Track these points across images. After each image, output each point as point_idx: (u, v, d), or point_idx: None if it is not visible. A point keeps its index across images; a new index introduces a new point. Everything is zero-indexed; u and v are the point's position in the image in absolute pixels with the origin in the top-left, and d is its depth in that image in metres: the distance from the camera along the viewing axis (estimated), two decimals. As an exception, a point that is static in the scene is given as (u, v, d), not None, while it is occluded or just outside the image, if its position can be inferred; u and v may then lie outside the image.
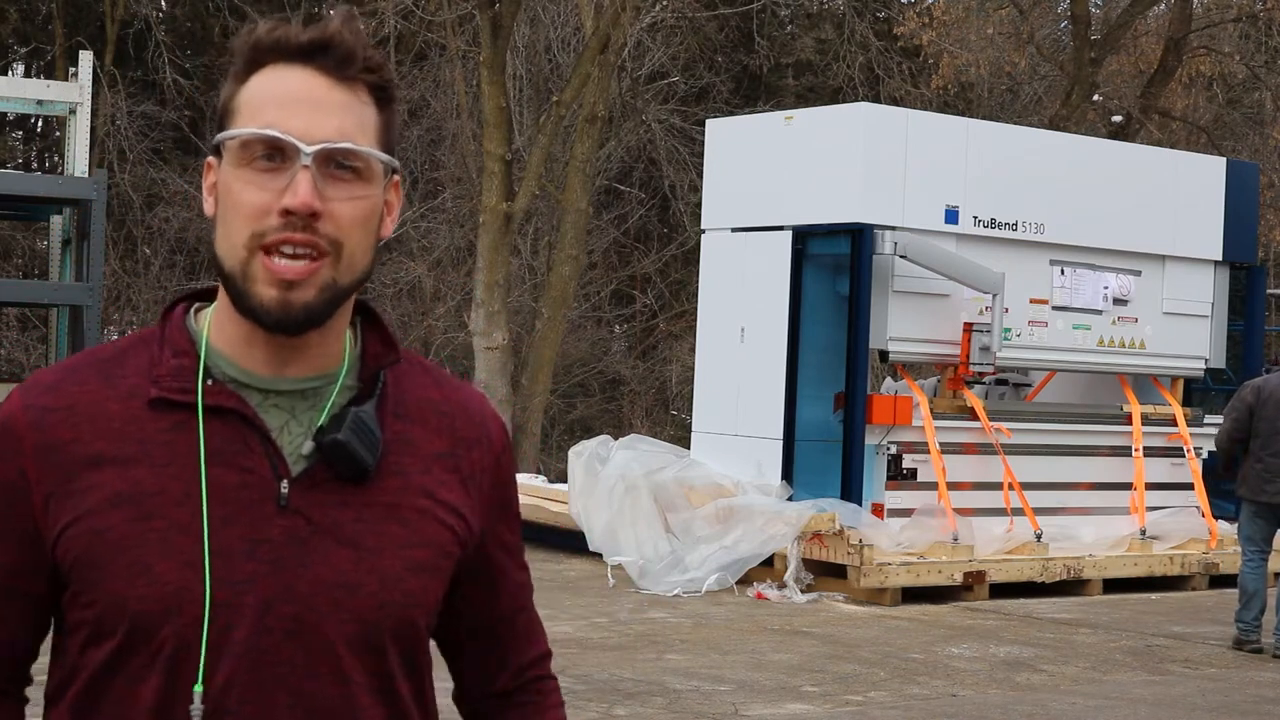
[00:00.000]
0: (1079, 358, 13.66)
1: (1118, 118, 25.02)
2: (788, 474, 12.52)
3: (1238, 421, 10.66)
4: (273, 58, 1.77)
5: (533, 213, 22.41)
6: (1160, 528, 13.60)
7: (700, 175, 15.07)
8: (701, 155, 14.67)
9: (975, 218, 12.94)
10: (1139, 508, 13.59)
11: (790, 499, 12.32)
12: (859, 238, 12.37)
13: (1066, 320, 13.50)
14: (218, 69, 23.15)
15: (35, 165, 26.86)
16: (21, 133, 27.69)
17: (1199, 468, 13.98)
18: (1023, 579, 12.53)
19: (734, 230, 13.21)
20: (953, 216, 12.82)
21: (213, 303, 1.84)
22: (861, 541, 11.85)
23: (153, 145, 23.56)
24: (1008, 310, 12.78)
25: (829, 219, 12.55)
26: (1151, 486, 13.79)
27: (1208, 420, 14.28)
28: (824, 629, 10.77)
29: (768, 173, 12.94)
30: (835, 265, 12.81)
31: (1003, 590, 12.40)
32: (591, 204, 21.17)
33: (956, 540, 12.33)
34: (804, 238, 12.71)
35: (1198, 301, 14.28)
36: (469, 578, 1.89)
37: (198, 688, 1.71)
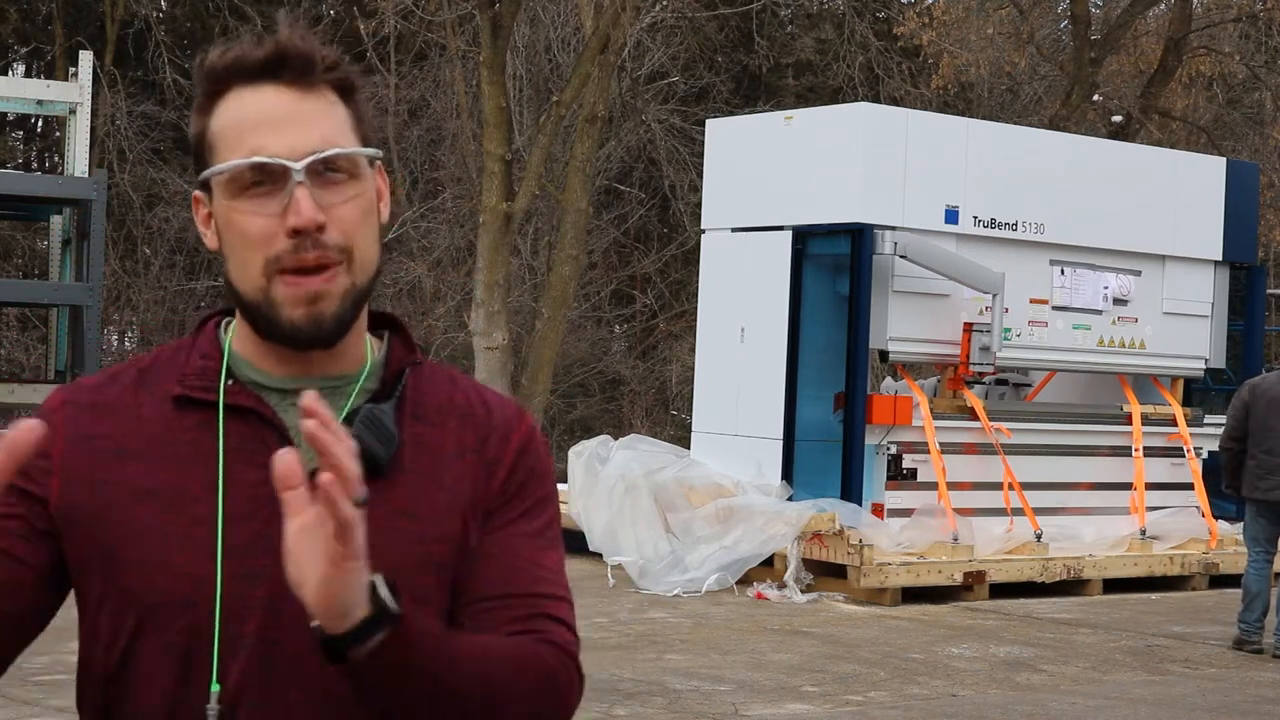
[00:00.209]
0: (1079, 358, 13.66)
1: (1118, 118, 25.02)
2: (788, 474, 12.52)
3: (1236, 421, 10.70)
4: (233, 81, 1.78)
5: (533, 213, 22.41)
6: (1160, 528, 13.61)
7: (700, 175, 15.07)
8: (701, 155, 14.67)
9: (975, 218, 12.94)
10: (1139, 508, 13.59)
11: (790, 499, 12.32)
12: (859, 238, 12.37)
13: (1066, 320, 13.51)
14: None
15: (35, 165, 26.85)
16: (21, 133, 27.68)
17: (1199, 468, 13.99)
18: (1023, 579, 12.53)
19: (734, 230, 13.21)
20: (953, 216, 12.82)
21: None
22: (861, 541, 11.85)
23: (153, 145, 23.56)
24: (1008, 310, 12.79)
25: (829, 219, 12.55)
26: (1151, 486, 13.79)
27: (1208, 420, 14.29)
28: (824, 629, 10.77)
29: (768, 173, 12.94)
30: (835, 265, 12.81)
31: (1003, 590, 12.40)
32: (591, 204, 21.16)
33: (956, 540, 12.33)
34: (804, 238, 12.71)
35: (1198, 301, 14.29)
36: (469, 560, 1.85)
37: (214, 686, 1.74)
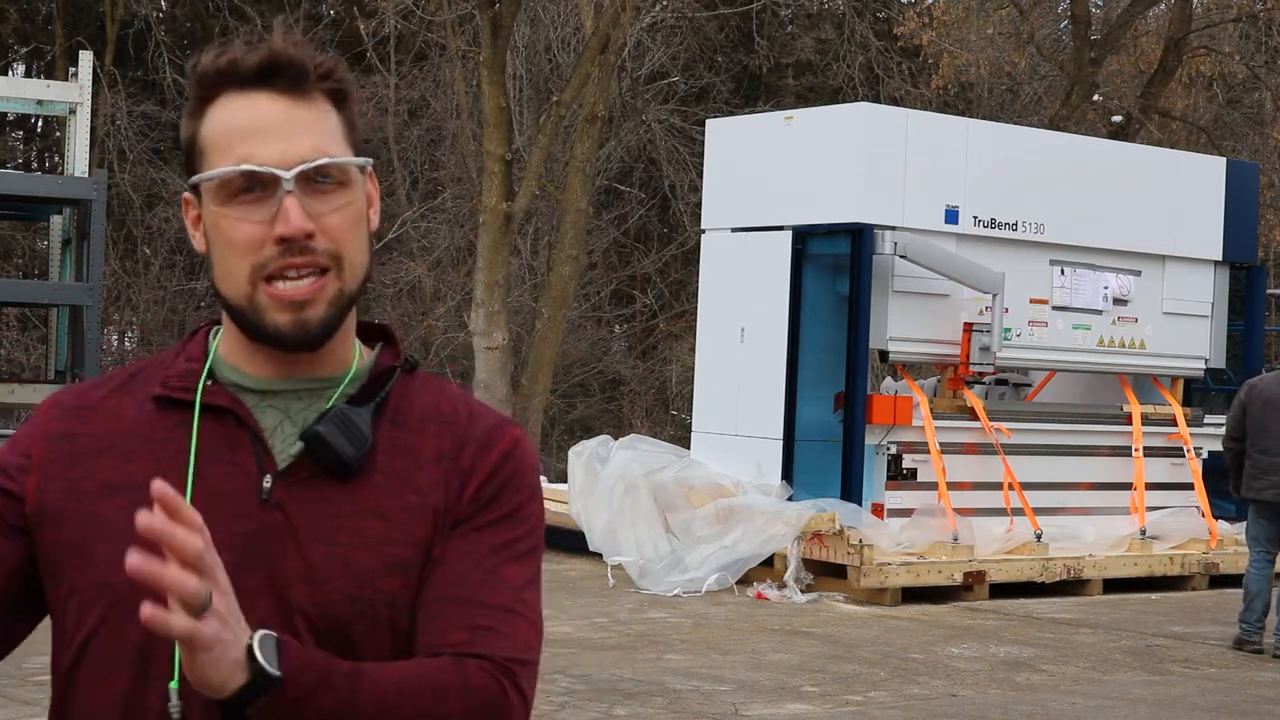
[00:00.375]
0: (1079, 358, 13.66)
1: (1118, 118, 25.02)
2: (788, 474, 12.52)
3: (1235, 421, 10.74)
4: (225, 87, 1.79)
5: (533, 213, 22.41)
6: (1160, 528, 13.61)
7: (700, 175, 15.07)
8: (701, 155, 14.68)
9: (975, 218, 12.94)
10: (1139, 508, 13.59)
11: (790, 499, 12.32)
12: (859, 238, 12.37)
13: (1066, 320, 13.51)
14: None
15: (35, 165, 26.86)
16: (21, 133, 27.69)
17: (1199, 468, 13.99)
18: (1023, 579, 12.53)
19: (734, 230, 13.21)
20: (953, 216, 12.82)
21: None
22: (861, 541, 11.85)
23: (153, 145, 23.56)
24: (1008, 310, 12.79)
25: (829, 219, 12.55)
26: (1151, 486, 13.79)
27: (1208, 420, 14.30)
28: (824, 629, 10.77)
29: (768, 173, 12.94)
30: (835, 265, 12.81)
31: (1003, 590, 12.40)
32: (591, 204, 21.17)
33: (956, 540, 12.33)
34: (804, 238, 12.71)
35: (1198, 301, 14.29)
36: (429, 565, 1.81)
37: (173, 684, 1.73)
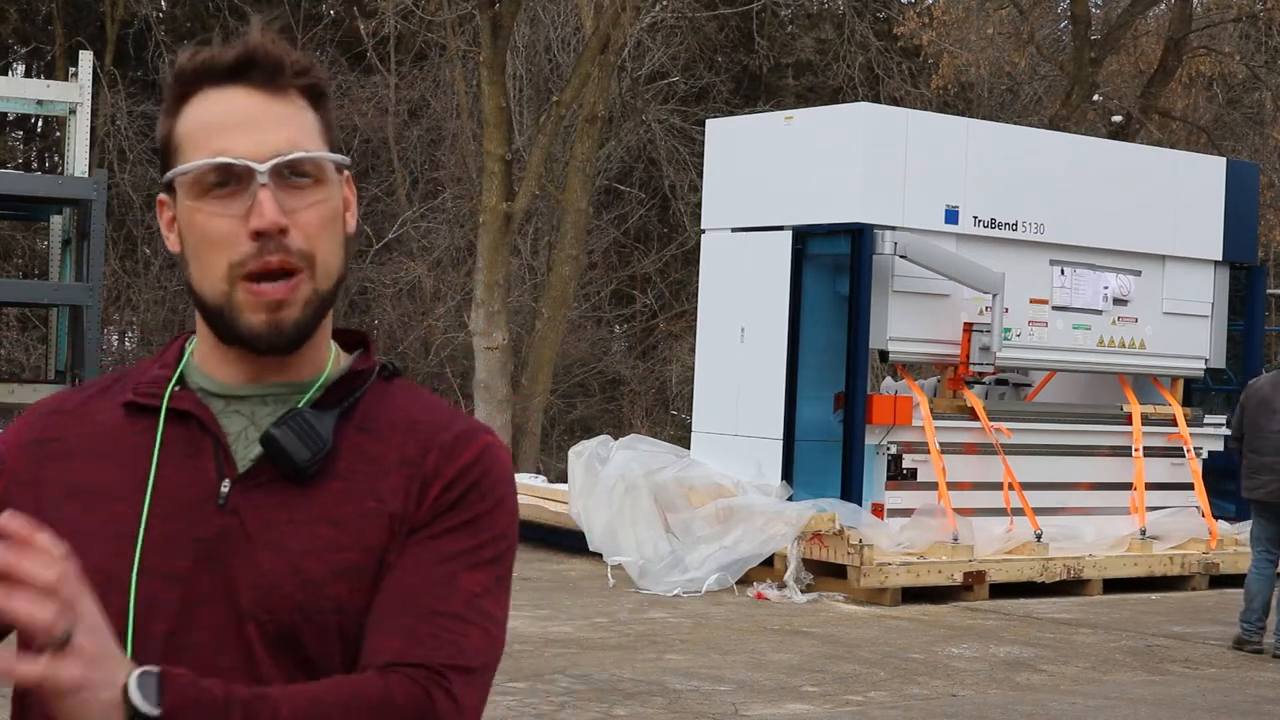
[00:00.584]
0: (1079, 358, 13.66)
1: (1118, 118, 25.01)
2: (788, 474, 12.52)
3: (1237, 422, 10.80)
4: (202, 83, 1.79)
5: (533, 213, 22.41)
6: (1160, 528, 13.61)
7: (700, 175, 15.08)
8: (701, 155, 14.68)
9: (975, 218, 12.94)
10: (1139, 508, 13.59)
11: (790, 499, 12.33)
12: (859, 238, 12.37)
13: (1066, 320, 13.51)
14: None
15: (35, 165, 26.85)
16: (21, 133, 27.68)
17: (1199, 468, 13.99)
18: (1023, 579, 12.53)
19: (734, 230, 13.21)
20: (953, 216, 12.82)
21: None
22: (861, 541, 11.85)
23: (153, 145, 23.45)
24: (1008, 310, 12.79)
25: (829, 219, 12.55)
26: (1151, 486, 13.79)
27: (1208, 420, 14.30)
28: (824, 629, 10.77)
29: (768, 173, 12.94)
30: (835, 265, 12.81)
31: (1003, 590, 12.40)
32: (591, 204, 21.17)
33: (956, 540, 12.33)
34: (804, 238, 12.71)
35: (1198, 301, 14.29)
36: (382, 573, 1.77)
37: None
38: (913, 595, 12.03)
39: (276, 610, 1.73)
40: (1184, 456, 14.02)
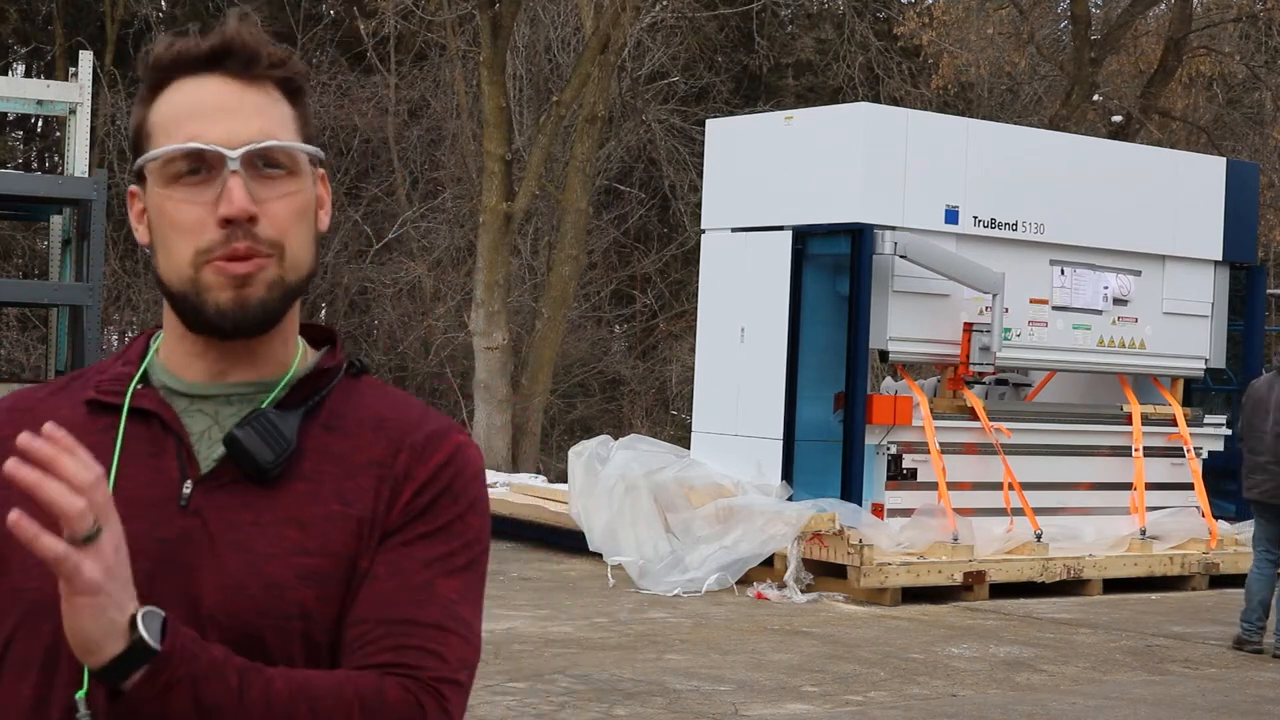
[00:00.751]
0: (1079, 358, 13.66)
1: (1118, 118, 25.02)
2: (788, 474, 12.52)
3: (1239, 423, 10.82)
4: (177, 72, 1.77)
5: (533, 213, 22.41)
6: (1160, 528, 13.61)
7: (700, 175, 15.07)
8: (701, 155, 14.67)
9: (975, 218, 12.94)
10: (1139, 508, 13.59)
11: (790, 499, 12.32)
12: (859, 238, 12.37)
13: (1066, 320, 13.51)
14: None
15: (35, 165, 26.86)
16: (21, 133, 27.70)
17: (1199, 468, 13.99)
18: (1023, 579, 12.52)
19: (734, 230, 13.21)
20: (953, 216, 12.82)
21: None
22: (861, 541, 11.85)
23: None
24: (1008, 310, 12.79)
25: (829, 219, 12.55)
26: (1151, 486, 13.79)
27: (1208, 420, 14.31)
28: (824, 629, 10.77)
29: (768, 173, 12.94)
30: (835, 265, 12.81)
31: (1003, 590, 12.40)
32: (591, 204, 21.18)
33: (956, 540, 12.33)
34: (804, 238, 12.72)
35: (1198, 301, 14.29)
36: (357, 580, 1.75)
37: (80, 693, 1.66)
38: (913, 595, 12.03)
39: (240, 613, 1.71)
40: (1184, 456, 14.02)
